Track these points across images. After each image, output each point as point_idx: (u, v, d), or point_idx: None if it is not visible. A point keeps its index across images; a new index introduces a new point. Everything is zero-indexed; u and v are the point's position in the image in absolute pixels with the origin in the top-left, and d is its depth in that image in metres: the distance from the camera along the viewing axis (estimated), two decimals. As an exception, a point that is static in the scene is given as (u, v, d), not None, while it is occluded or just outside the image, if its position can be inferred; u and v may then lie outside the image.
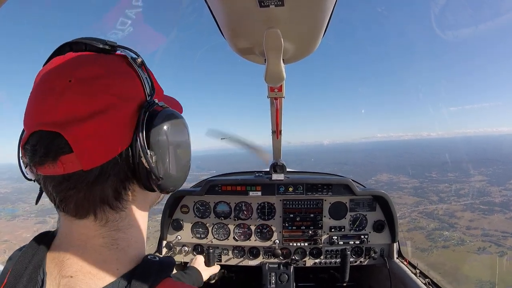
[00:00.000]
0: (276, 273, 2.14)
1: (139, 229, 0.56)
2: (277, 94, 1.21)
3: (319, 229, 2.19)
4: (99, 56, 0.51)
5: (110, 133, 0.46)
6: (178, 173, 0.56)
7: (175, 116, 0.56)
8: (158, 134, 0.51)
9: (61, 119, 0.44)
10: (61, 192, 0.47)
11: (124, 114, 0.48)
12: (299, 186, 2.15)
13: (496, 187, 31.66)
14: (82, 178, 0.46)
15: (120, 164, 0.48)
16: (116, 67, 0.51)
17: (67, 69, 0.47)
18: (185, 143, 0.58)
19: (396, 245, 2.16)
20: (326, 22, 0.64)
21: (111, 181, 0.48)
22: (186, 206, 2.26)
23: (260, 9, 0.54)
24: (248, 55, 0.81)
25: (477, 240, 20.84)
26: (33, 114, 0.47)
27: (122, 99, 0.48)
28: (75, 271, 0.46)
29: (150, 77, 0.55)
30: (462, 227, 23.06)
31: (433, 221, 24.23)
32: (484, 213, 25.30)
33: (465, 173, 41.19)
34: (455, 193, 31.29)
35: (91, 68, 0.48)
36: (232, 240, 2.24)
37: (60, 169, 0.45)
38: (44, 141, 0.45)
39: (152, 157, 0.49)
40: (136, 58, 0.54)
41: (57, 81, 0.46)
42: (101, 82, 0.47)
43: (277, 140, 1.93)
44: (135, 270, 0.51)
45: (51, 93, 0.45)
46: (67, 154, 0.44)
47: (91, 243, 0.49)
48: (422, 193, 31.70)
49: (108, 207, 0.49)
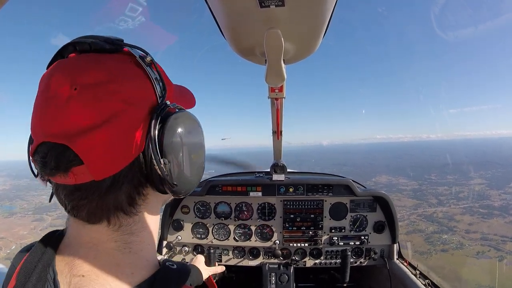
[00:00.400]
0: (276, 273, 2.14)
1: (151, 232, 0.55)
2: (278, 94, 1.22)
3: (319, 230, 2.19)
4: (104, 57, 0.48)
5: (121, 141, 0.44)
6: (192, 177, 0.55)
7: (188, 118, 0.54)
8: (171, 139, 0.49)
9: (68, 130, 0.42)
10: (73, 201, 0.46)
11: (134, 120, 0.46)
12: (300, 187, 2.16)
13: (496, 191, 31.50)
14: (94, 188, 0.45)
15: (133, 171, 0.47)
16: (123, 69, 0.48)
17: (71, 75, 0.44)
18: (199, 145, 0.57)
19: (396, 246, 2.16)
20: (327, 23, 0.64)
21: (125, 188, 0.47)
22: (186, 206, 2.27)
23: (260, 9, 0.54)
24: (249, 56, 0.81)
25: (476, 244, 20.67)
26: (40, 123, 0.45)
27: (131, 104, 0.46)
28: (87, 271, 0.45)
29: (160, 75, 0.52)
30: (461, 231, 22.89)
31: (432, 224, 24.08)
32: (483, 217, 25.14)
33: (465, 175, 41.11)
34: (454, 196, 31.14)
35: (96, 73, 0.45)
36: (233, 241, 2.24)
37: (72, 180, 0.44)
38: (53, 154, 0.43)
39: (166, 165, 0.47)
40: (144, 57, 0.51)
41: (61, 89, 0.43)
42: (107, 88, 0.44)
43: (278, 140, 1.94)
44: (156, 277, 0.50)
45: (56, 102, 0.43)
46: (78, 166, 0.43)
47: (103, 246, 0.48)
48: (421, 196, 31.54)
49: (122, 213, 0.48)
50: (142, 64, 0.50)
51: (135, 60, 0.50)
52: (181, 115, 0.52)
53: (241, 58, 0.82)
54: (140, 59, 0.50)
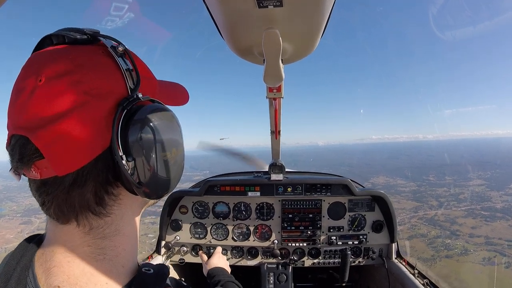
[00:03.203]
0: (274, 273, 2.15)
1: (127, 237, 0.52)
2: (276, 94, 1.21)
3: (317, 229, 2.20)
4: (74, 48, 0.46)
5: (82, 135, 0.42)
6: (165, 177, 0.50)
7: (159, 111, 0.49)
8: (138, 134, 0.45)
9: (29, 122, 0.41)
10: (41, 196, 0.45)
11: (97, 114, 0.43)
12: (298, 187, 2.16)
13: (496, 192, 31.30)
14: (58, 183, 0.43)
15: (98, 168, 0.44)
16: (90, 60, 0.45)
17: (38, 66, 0.44)
18: (173, 142, 0.51)
19: (394, 245, 2.17)
20: (325, 22, 0.64)
21: (90, 185, 0.45)
22: (185, 206, 2.27)
23: (258, 9, 0.53)
24: (247, 56, 0.80)
25: (481, 250, 20.14)
26: (10, 115, 0.45)
27: (95, 97, 0.43)
28: (61, 281, 0.44)
29: (135, 67, 0.48)
30: (465, 235, 22.40)
31: (434, 228, 23.64)
32: (486, 220, 24.77)
33: (463, 176, 41.03)
34: (454, 197, 30.92)
35: (60, 64, 0.43)
36: (231, 240, 2.24)
37: (37, 174, 0.43)
38: (18, 146, 0.43)
39: (130, 162, 0.44)
40: (116, 46, 0.48)
41: (28, 80, 0.43)
42: (69, 78, 0.42)
43: (276, 140, 1.94)
44: (131, 285, 0.49)
45: (22, 94, 0.42)
46: (40, 160, 0.42)
47: (77, 251, 0.46)
48: (420, 198, 31.31)
49: (90, 213, 0.46)
50: (112, 54, 0.47)
51: (105, 50, 0.47)
52: (153, 109, 0.48)
53: (240, 58, 0.81)
54: (112, 49, 0.47)
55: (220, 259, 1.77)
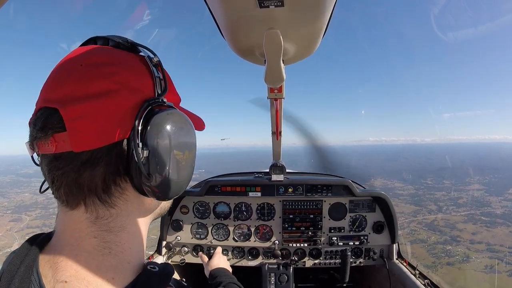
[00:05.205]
0: (275, 273, 2.14)
1: (133, 236, 0.53)
2: (277, 95, 1.22)
3: (318, 230, 2.20)
4: (115, 50, 0.52)
5: (106, 118, 0.45)
6: (174, 175, 0.50)
7: (181, 116, 0.52)
8: (157, 128, 0.47)
9: (62, 97, 0.45)
10: (51, 171, 0.47)
11: (125, 103, 0.47)
12: (299, 187, 2.18)
13: (495, 197, 31.07)
14: (71, 159, 0.45)
15: (112, 155, 0.47)
16: (127, 60, 0.51)
17: (81, 55, 0.49)
18: (187, 144, 0.53)
19: (395, 246, 2.17)
20: (326, 23, 0.65)
21: (101, 169, 0.46)
22: (185, 206, 2.27)
23: (260, 9, 0.54)
24: (248, 56, 0.80)
25: (483, 257, 19.81)
26: (43, 91, 0.49)
27: (127, 88, 0.47)
28: (69, 276, 0.45)
29: (165, 78, 0.54)
30: (466, 241, 22.07)
31: (434, 234, 23.32)
32: (486, 225, 24.51)
33: (462, 180, 40.81)
34: (453, 202, 30.64)
35: (101, 57, 0.49)
36: (232, 241, 2.24)
37: (52, 147, 0.45)
38: (43, 116, 0.46)
39: (144, 150, 0.46)
40: (152, 57, 0.53)
41: (69, 65, 0.48)
42: (107, 68, 0.47)
43: (277, 141, 1.95)
44: (137, 281, 0.50)
45: (61, 75, 0.48)
46: (60, 133, 0.45)
47: (84, 242, 0.47)
48: (419, 201, 31.03)
49: (96, 199, 0.48)
50: (148, 62, 0.53)
51: (142, 58, 0.53)
52: (175, 112, 0.51)
53: (241, 58, 0.82)
54: (148, 58, 0.53)
55: (221, 259, 1.77)
